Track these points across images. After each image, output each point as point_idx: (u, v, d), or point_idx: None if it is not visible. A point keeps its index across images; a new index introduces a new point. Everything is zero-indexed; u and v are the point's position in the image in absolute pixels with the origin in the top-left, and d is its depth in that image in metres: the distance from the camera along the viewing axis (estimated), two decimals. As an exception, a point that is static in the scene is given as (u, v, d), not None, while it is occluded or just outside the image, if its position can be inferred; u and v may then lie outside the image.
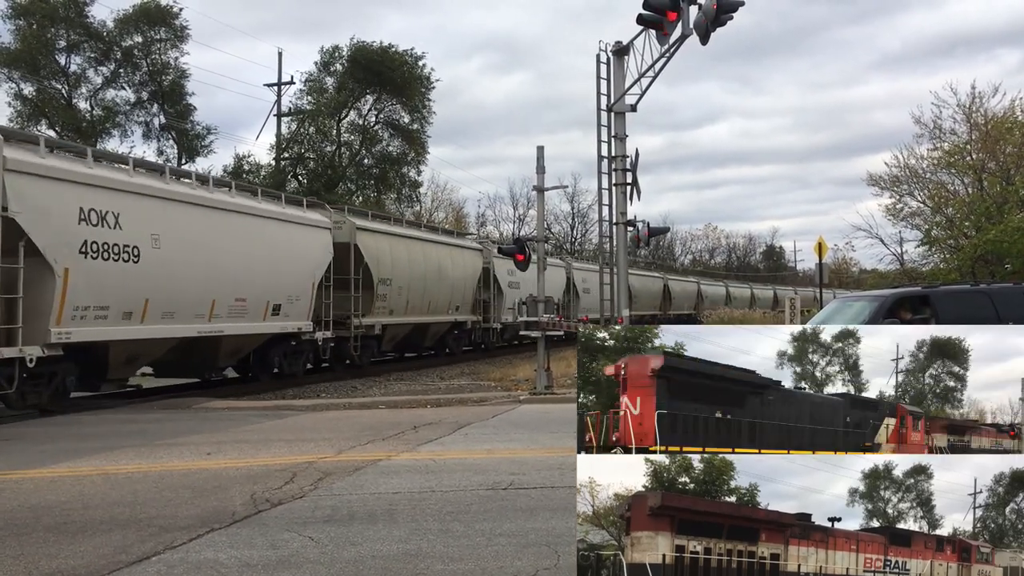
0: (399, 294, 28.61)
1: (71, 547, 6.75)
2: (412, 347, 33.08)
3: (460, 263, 34.21)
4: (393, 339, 29.68)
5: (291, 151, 48.92)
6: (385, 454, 11.08)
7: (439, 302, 31.96)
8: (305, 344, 24.17)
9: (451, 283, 33.01)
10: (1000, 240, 31.22)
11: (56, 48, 42.46)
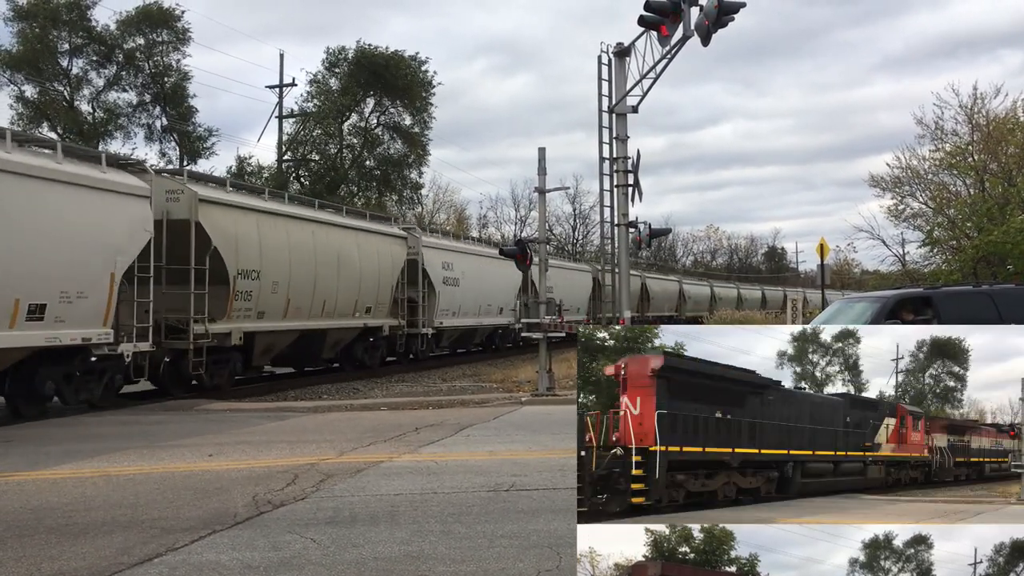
0: (273, 291, 21.82)
1: (73, 549, 6.76)
2: (303, 360, 26.51)
3: (372, 252, 27.21)
4: (268, 351, 22.92)
5: (295, 152, 48.95)
6: (387, 456, 11.08)
7: (341, 302, 25.29)
8: (102, 363, 16.88)
9: (359, 278, 26.34)
10: (1003, 241, 31.18)
11: (58, 51, 42.52)
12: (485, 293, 35.41)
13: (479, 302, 35.02)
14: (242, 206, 21.21)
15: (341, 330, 25.70)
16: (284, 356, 24.44)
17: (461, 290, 33.06)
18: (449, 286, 32.17)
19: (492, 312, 36.40)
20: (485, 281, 35.13)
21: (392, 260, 28.44)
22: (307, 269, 23.29)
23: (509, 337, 38.84)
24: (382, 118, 50.08)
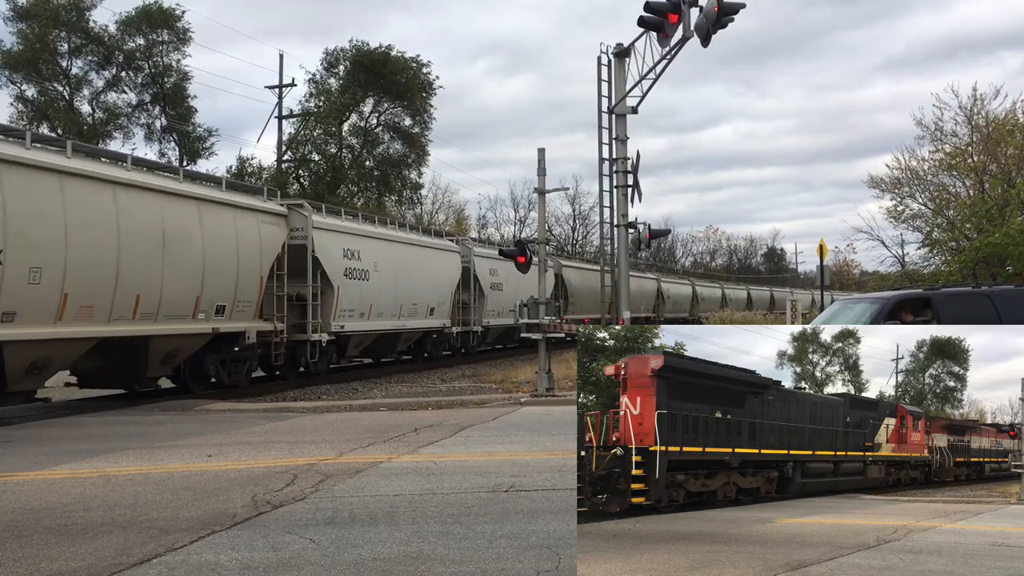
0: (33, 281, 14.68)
1: (72, 549, 6.74)
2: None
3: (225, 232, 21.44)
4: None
5: (295, 153, 48.94)
6: (386, 456, 11.07)
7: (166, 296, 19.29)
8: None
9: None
10: (1004, 243, 31.19)
11: (58, 51, 42.52)
12: (409, 289, 28.74)
13: (400, 301, 28.25)
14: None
15: (167, 337, 18.47)
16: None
17: (372, 285, 26.45)
18: (354, 279, 25.56)
19: (420, 313, 29.78)
20: (409, 275, 28.78)
21: (261, 244, 21.34)
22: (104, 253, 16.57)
23: (445, 343, 32.94)
24: (382, 118, 50.10)
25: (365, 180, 50.58)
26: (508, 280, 35.90)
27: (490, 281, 35.60)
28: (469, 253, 33.62)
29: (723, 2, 15.50)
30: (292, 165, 49.01)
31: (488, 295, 35.37)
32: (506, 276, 35.41)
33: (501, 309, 36.26)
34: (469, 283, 33.85)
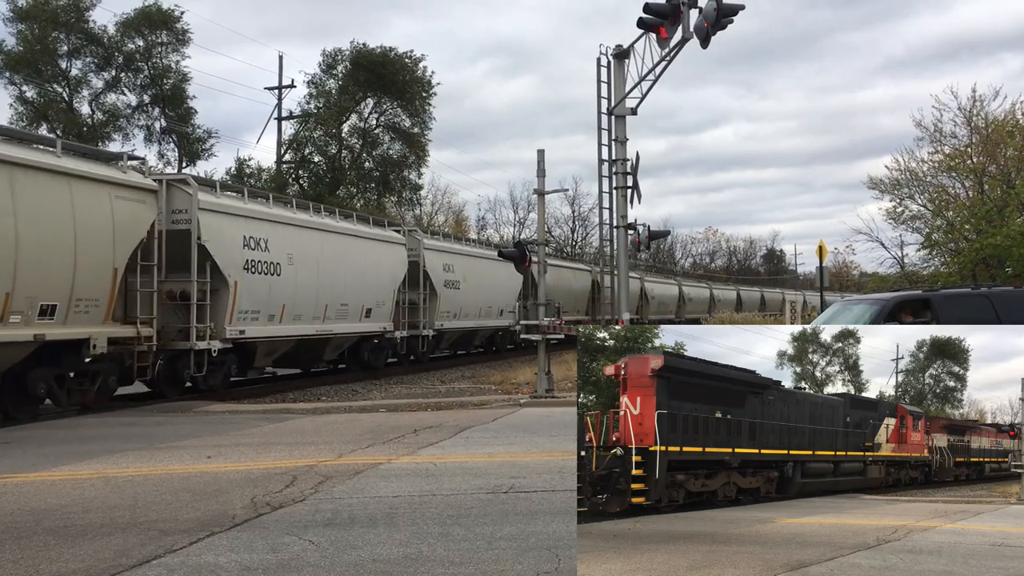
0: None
1: (71, 551, 6.74)
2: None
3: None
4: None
5: (295, 154, 48.95)
6: (385, 458, 11.06)
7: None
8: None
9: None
10: (1004, 245, 31.22)
11: (57, 52, 42.52)
12: (338, 287, 24.56)
13: (324, 300, 24.03)
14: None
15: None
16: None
17: (285, 281, 22.05)
18: (259, 274, 21.02)
19: (352, 315, 25.73)
20: (338, 270, 24.68)
21: (115, 227, 16.74)
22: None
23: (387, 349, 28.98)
24: (381, 119, 50.11)
25: (365, 181, 50.58)
26: (468, 277, 33.18)
27: (444, 278, 31.16)
28: (418, 245, 28.66)
29: (722, 3, 15.53)
30: (292, 166, 49.01)
31: (441, 294, 30.65)
32: (465, 273, 32.88)
33: (458, 310, 32.55)
34: (418, 280, 29.32)
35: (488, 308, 35.35)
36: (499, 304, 35.82)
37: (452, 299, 31.99)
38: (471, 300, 33.49)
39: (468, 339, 36.21)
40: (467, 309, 33.45)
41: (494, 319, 35.97)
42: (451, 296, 31.77)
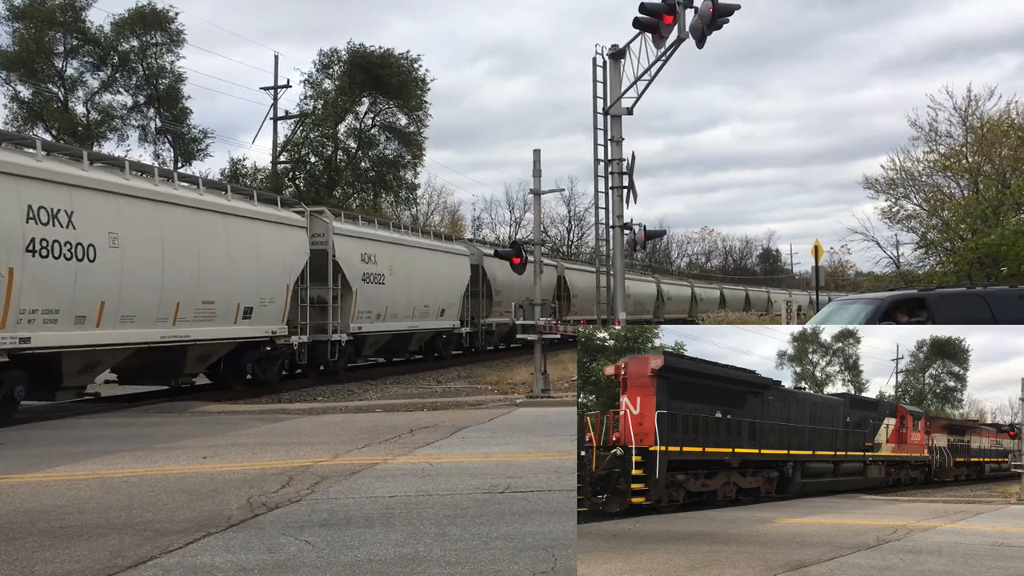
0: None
1: (67, 551, 6.71)
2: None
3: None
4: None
5: (291, 154, 48.90)
6: (382, 458, 11.04)
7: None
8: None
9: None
10: (999, 244, 31.27)
11: (53, 52, 42.44)
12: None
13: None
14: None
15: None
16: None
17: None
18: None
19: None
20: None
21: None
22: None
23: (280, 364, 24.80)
24: (377, 119, 50.08)
25: (361, 181, 50.55)
26: (396, 270, 28.09)
27: (362, 270, 26.05)
28: (325, 230, 24.44)
29: (717, 3, 15.51)
30: (287, 167, 48.95)
31: (359, 290, 25.77)
32: (392, 264, 27.83)
33: (383, 310, 27.45)
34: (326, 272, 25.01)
35: (425, 308, 30.28)
36: (441, 302, 31.61)
37: (374, 296, 26.63)
38: (401, 298, 28.40)
39: (400, 344, 30.62)
40: (396, 308, 28.24)
41: (433, 320, 31.01)
42: (372, 293, 26.49)
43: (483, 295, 35.49)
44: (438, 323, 31.48)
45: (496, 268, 35.16)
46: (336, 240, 24.61)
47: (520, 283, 34.69)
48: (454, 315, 32.72)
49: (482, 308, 35.48)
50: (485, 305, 35.73)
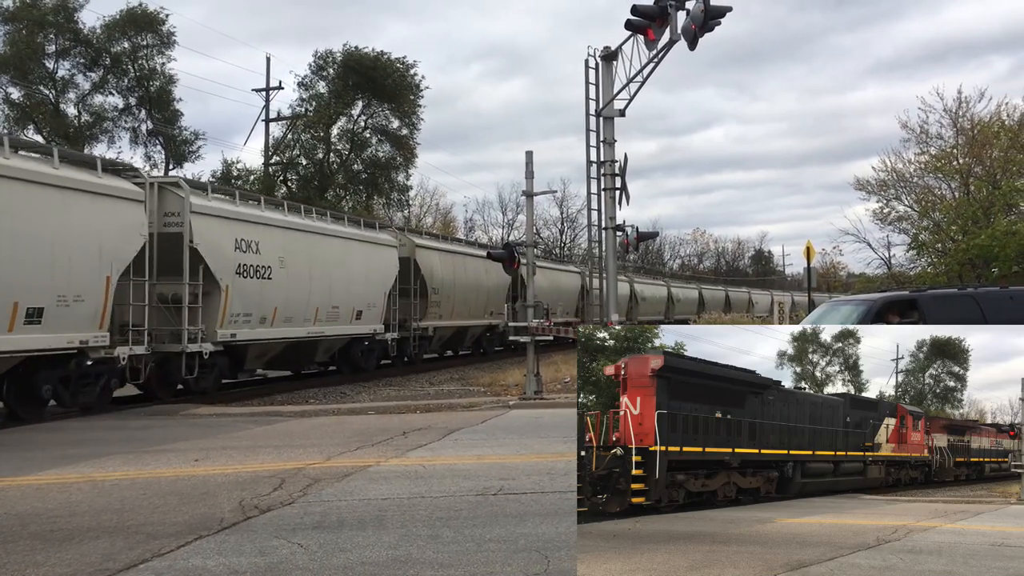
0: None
1: (58, 555, 6.66)
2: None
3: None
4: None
5: (283, 156, 48.82)
6: (374, 460, 11.00)
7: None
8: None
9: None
10: (989, 245, 31.38)
11: (45, 53, 42.30)
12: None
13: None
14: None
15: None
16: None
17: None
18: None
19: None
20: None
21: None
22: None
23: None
24: (370, 121, 50.05)
25: (353, 183, 50.49)
26: (290, 261, 22.47)
27: (237, 261, 20.49)
28: (181, 208, 18.89)
29: (709, 5, 15.52)
30: (279, 168, 48.86)
31: (231, 287, 20.13)
32: (285, 253, 22.31)
33: (269, 312, 21.70)
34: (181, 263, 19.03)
35: (334, 309, 24.66)
36: (357, 302, 25.98)
37: (255, 295, 20.96)
38: (298, 297, 22.79)
39: (302, 354, 25.00)
40: (291, 310, 22.53)
41: (346, 324, 25.51)
42: (253, 290, 20.84)
43: (416, 294, 29.81)
44: (354, 328, 25.93)
45: (434, 262, 31.07)
46: (195, 221, 19.06)
47: (463, 279, 33.11)
48: (375, 318, 27.07)
49: (415, 309, 29.85)
50: (419, 306, 30.09)
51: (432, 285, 30.99)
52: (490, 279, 35.31)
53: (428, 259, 31.22)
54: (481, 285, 35.15)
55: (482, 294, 35.32)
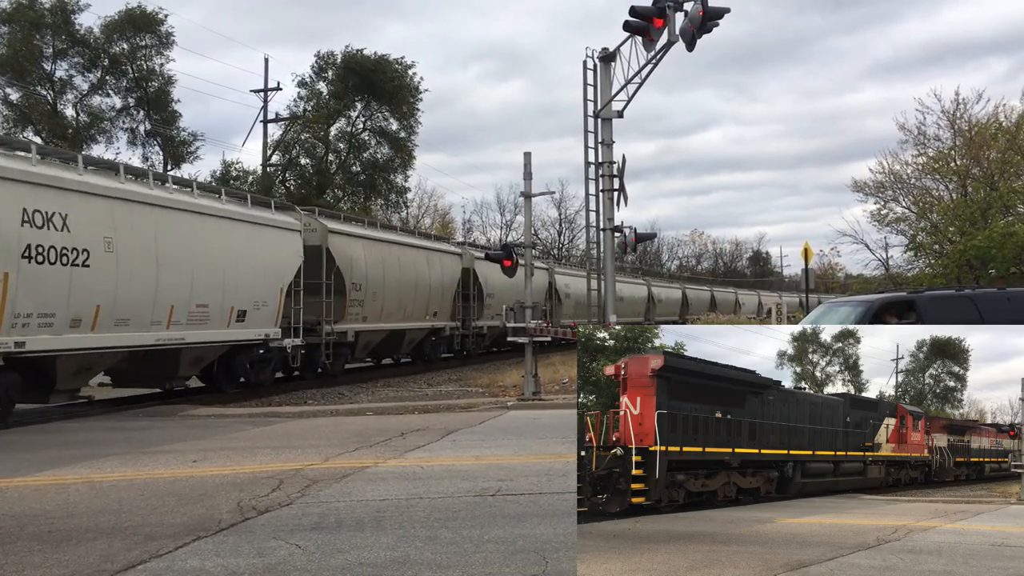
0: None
1: (56, 556, 6.65)
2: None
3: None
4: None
5: (282, 157, 48.82)
6: (372, 461, 10.99)
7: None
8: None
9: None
10: (987, 246, 31.41)
11: (42, 55, 42.25)
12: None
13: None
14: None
15: None
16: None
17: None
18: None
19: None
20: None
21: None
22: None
23: None
24: (368, 123, 50.06)
25: (352, 184, 50.50)
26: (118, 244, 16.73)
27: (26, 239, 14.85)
28: None
29: (707, 7, 15.54)
30: (278, 169, 48.84)
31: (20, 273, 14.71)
32: (109, 233, 16.54)
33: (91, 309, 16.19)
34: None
35: (199, 308, 19.18)
36: (243, 299, 20.75)
37: (58, 288, 15.43)
38: (138, 292, 17.30)
39: (153, 368, 19.28)
40: (127, 309, 17.07)
41: (223, 328, 20.12)
42: (54, 282, 15.35)
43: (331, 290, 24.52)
44: (233, 332, 20.61)
45: (355, 251, 25.86)
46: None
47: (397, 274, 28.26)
48: (267, 320, 21.70)
49: (327, 309, 24.45)
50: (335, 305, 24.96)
51: (352, 280, 25.42)
52: (433, 274, 31.19)
53: (346, 247, 25.64)
54: (421, 281, 30.23)
55: (422, 291, 30.36)
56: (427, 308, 30.74)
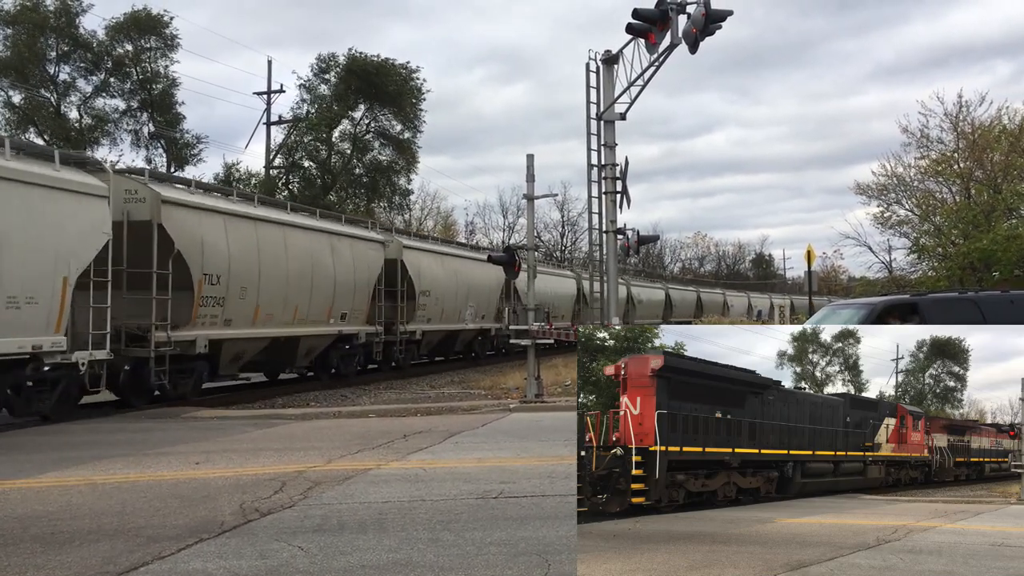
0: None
1: (58, 558, 6.66)
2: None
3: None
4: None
5: (286, 159, 48.84)
6: (375, 463, 10.99)
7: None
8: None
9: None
10: (990, 249, 31.38)
11: (46, 57, 42.30)
12: None
13: None
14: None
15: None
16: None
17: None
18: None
19: None
20: None
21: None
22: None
23: None
24: (372, 125, 50.07)
25: (355, 186, 50.51)
26: None
27: None
28: None
29: (710, 9, 15.55)
30: (281, 171, 48.87)
31: None
32: None
33: None
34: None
35: None
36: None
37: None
38: None
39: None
40: None
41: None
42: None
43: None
44: None
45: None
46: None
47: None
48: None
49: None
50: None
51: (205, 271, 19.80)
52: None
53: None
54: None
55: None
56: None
